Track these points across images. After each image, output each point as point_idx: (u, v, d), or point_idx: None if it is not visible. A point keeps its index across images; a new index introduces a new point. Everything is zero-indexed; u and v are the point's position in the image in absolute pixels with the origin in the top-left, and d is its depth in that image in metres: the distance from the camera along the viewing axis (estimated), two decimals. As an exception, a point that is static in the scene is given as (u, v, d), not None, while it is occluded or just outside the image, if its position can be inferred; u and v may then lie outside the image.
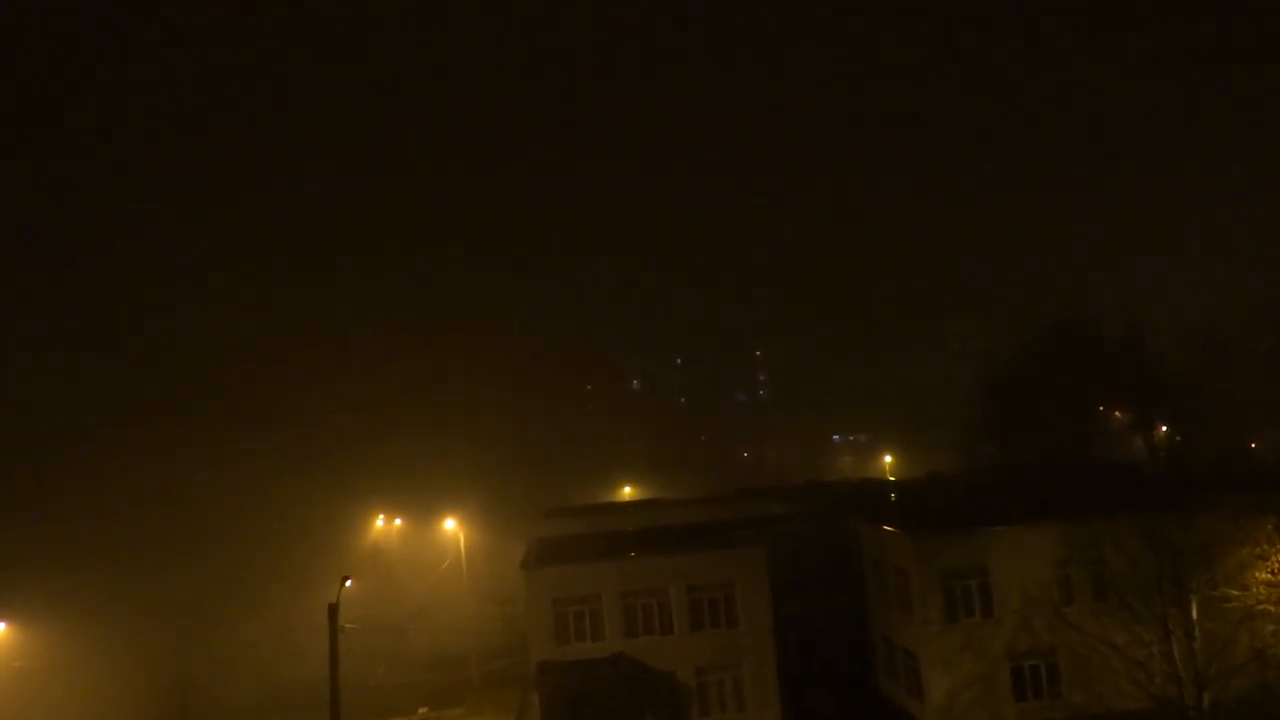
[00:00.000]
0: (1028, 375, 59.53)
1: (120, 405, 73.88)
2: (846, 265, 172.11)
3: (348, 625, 27.94)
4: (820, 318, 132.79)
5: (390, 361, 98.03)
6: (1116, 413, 59.94)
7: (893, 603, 37.63)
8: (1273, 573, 32.86)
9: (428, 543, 73.72)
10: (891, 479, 76.14)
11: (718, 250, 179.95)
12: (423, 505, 76.08)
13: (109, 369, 76.89)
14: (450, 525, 71.27)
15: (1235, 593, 32.62)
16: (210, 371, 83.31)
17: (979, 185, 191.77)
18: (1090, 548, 33.51)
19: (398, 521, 76.97)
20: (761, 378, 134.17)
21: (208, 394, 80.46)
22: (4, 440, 64.40)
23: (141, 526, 61.01)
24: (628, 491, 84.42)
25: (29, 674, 39.19)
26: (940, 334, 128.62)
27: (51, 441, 66.07)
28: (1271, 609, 32.79)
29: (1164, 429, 55.79)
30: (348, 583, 30.55)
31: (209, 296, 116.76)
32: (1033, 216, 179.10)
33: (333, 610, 27.75)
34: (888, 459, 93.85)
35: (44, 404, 70.63)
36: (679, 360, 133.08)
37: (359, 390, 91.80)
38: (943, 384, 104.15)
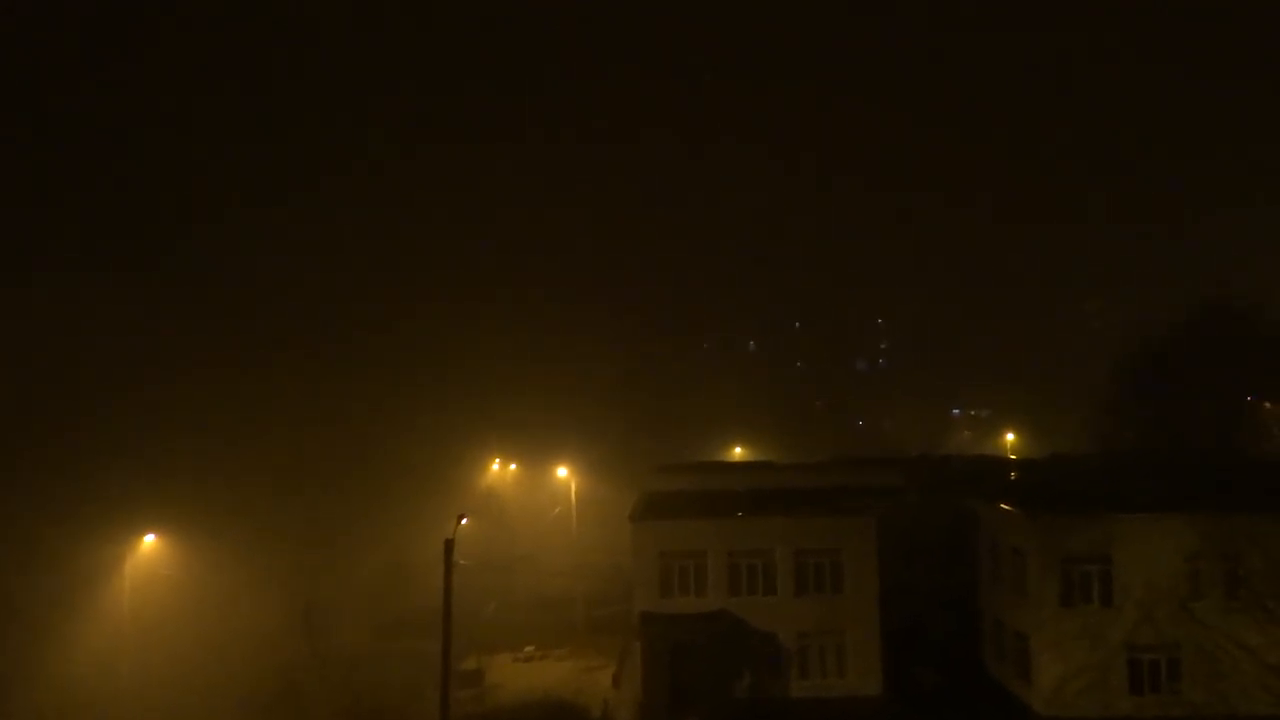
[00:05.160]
0: (1171, 358, 56.24)
1: (265, 345, 78.42)
2: (978, 237, 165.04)
3: (462, 561, 29.03)
4: (948, 289, 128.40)
5: (516, 319, 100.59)
6: (1267, 404, 56.11)
7: (1006, 583, 36.64)
8: None
9: (540, 489, 75.65)
10: (1012, 457, 73.52)
11: (843, 218, 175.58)
12: (537, 453, 78.02)
13: (254, 318, 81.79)
14: (562, 474, 72.93)
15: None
16: (345, 325, 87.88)
17: (1130, 159, 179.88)
18: (1227, 543, 31.81)
19: (512, 466, 79.15)
20: (883, 346, 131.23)
21: (342, 342, 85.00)
22: (161, 372, 69.65)
23: (285, 456, 64.88)
24: (738, 452, 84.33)
25: (175, 583, 42.46)
26: (1077, 313, 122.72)
27: (205, 370, 70.93)
28: None
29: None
30: (463, 521, 31.70)
31: (339, 259, 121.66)
32: (1189, 193, 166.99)
33: (448, 545, 28.84)
34: (1009, 436, 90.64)
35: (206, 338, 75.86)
36: (797, 324, 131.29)
37: (485, 344, 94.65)
38: (1076, 363, 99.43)
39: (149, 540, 40.37)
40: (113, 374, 68.16)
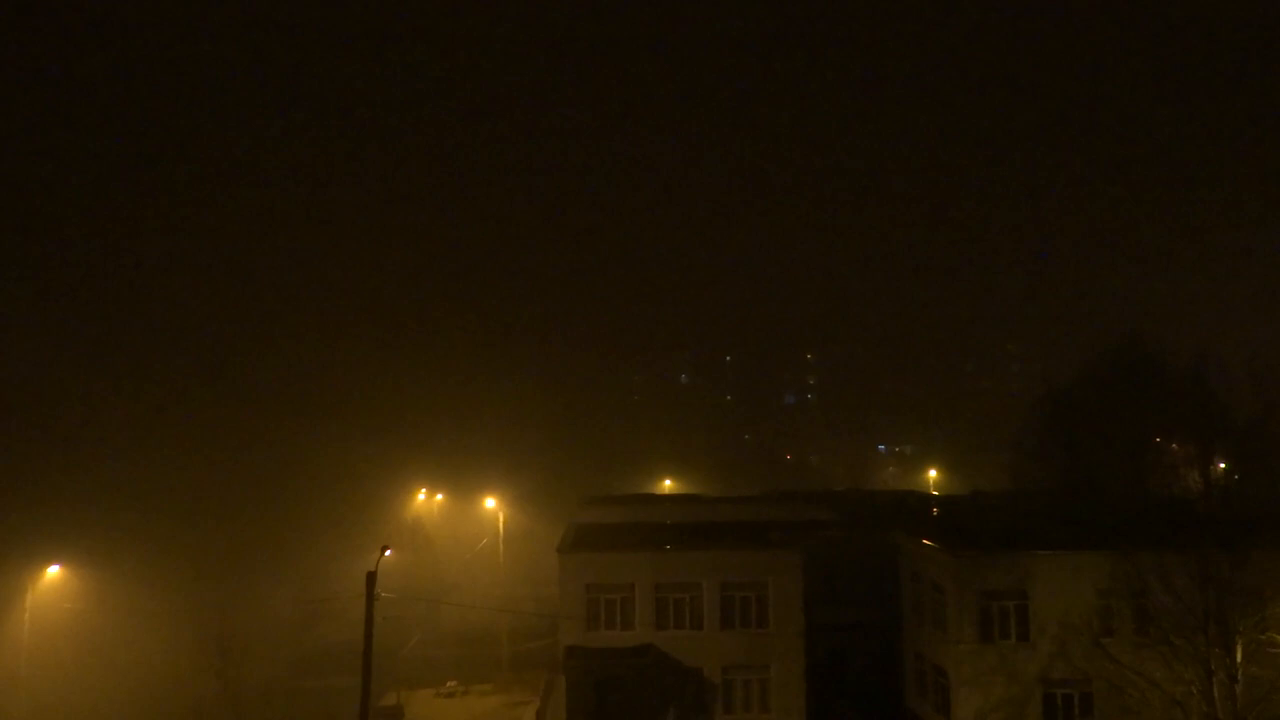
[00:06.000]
0: (1085, 400, 58.09)
1: (179, 372, 76.03)
2: (908, 278, 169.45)
3: (384, 594, 28.42)
4: (877, 328, 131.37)
5: (444, 347, 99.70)
6: (1174, 445, 58.27)
7: (927, 618, 37.23)
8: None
9: (467, 520, 74.57)
10: (935, 493, 75.07)
11: (777, 253, 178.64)
12: (465, 483, 76.95)
13: (168, 343, 79.32)
14: (490, 504, 72.04)
15: (1284, 638, 31.67)
16: (264, 351, 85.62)
17: (1056, 205, 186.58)
18: (1135, 580, 32.77)
19: (439, 497, 77.88)
20: (811, 381, 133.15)
21: (261, 368, 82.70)
22: (68, 397, 66.72)
23: (199, 484, 62.68)
24: (668, 485, 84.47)
25: (80, 616, 40.58)
26: (1000, 354, 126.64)
27: (114, 397, 68.19)
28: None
29: (1222, 466, 54.18)
30: (386, 552, 31.08)
31: (258, 289, 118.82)
32: (1106, 243, 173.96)
33: (370, 578, 28.23)
34: (932, 473, 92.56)
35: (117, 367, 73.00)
36: (728, 358, 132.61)
37: (416, 371, 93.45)
38: (997, 404, 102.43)
39: (53, 571, 38.58)
40: (14, 399, 65.36)
